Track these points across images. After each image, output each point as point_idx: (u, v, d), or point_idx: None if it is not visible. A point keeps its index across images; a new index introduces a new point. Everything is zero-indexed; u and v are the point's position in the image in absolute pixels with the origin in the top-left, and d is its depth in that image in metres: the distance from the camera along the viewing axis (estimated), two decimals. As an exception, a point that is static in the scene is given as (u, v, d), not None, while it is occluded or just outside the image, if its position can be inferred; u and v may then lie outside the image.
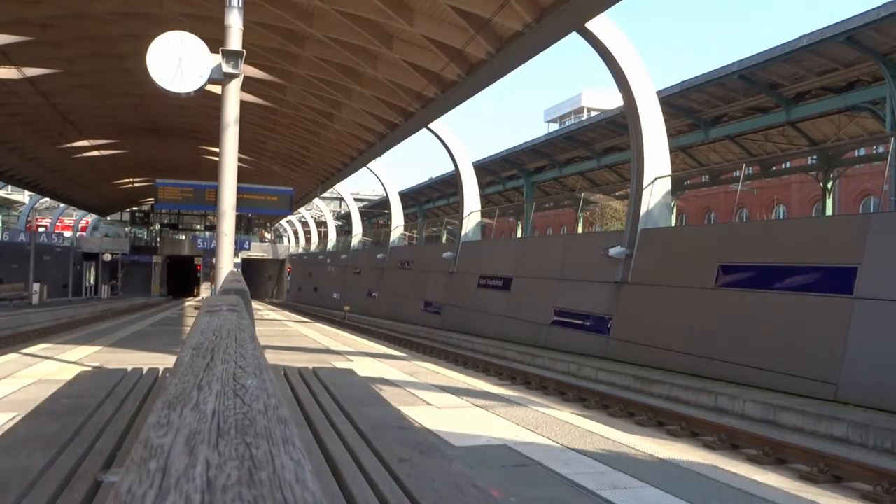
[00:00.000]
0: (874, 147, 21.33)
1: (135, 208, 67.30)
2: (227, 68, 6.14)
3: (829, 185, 21.87)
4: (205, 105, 25.11)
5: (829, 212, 21.54)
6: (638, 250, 16.64)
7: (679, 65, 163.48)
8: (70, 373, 6.07)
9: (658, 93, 17.00)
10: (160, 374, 4.03)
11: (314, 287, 51.27)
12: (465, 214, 27.10)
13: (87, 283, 55.58)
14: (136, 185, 51.39)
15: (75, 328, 17.31)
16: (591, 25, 14.96)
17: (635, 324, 16.21)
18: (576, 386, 13.16)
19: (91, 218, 66.07)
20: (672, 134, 19.38)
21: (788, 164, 28.05)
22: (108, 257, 54.00)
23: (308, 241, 64.53)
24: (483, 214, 29.01)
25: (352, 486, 1.95)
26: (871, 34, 15.22)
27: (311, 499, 0.54)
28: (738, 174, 21.59)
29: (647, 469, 4.87)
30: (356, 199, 46.42)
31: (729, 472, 5.20)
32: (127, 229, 67.57)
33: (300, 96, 26.02)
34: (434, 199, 45.95)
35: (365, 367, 9.33)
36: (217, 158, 6.52)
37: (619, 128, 23.15)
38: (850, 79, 17.93)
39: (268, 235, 66.58)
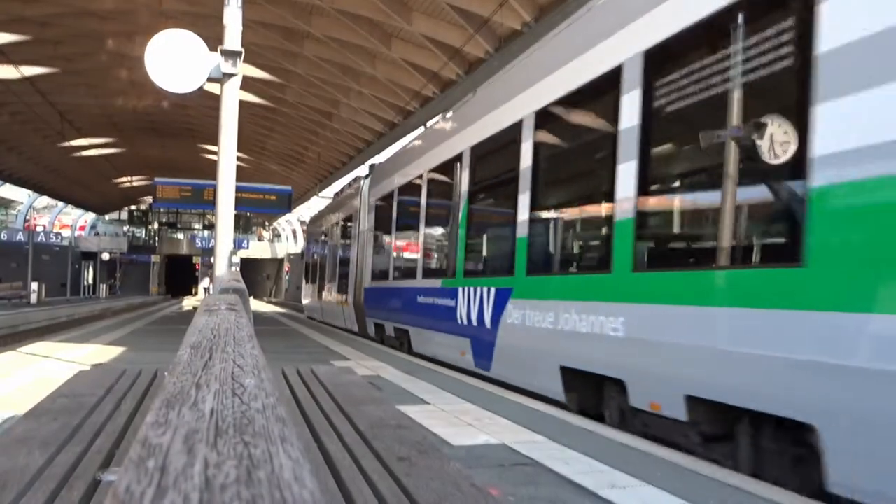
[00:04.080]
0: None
1: (133, 207, 67.23)
2: (225, 67, 6.12)
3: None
4: (203, 104, 25.10)
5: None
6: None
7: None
8: (68, 371, 6.06)
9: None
10: (158, 372, 4.03)
11: (313, 286, 51.36)
12: None
13: (86, 283, 55.51)
14: (135, 183, 51.33)
15: (73, 327, 17.28)
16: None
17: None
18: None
19: (89, 217, 65.96)
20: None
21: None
22: (106, 256, 53.94)
23: (307, 240, 64.43)
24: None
25: (350, 485, 1.95)
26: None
27: (310, 497, 0.54)
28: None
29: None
30: (355, 199, 46.45)
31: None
32: (125, 228, 67.50)
33: (299, 95, 26.01)
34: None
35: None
36: (216, 157, 6.51)
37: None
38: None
39: (266, 234, 66.53)
